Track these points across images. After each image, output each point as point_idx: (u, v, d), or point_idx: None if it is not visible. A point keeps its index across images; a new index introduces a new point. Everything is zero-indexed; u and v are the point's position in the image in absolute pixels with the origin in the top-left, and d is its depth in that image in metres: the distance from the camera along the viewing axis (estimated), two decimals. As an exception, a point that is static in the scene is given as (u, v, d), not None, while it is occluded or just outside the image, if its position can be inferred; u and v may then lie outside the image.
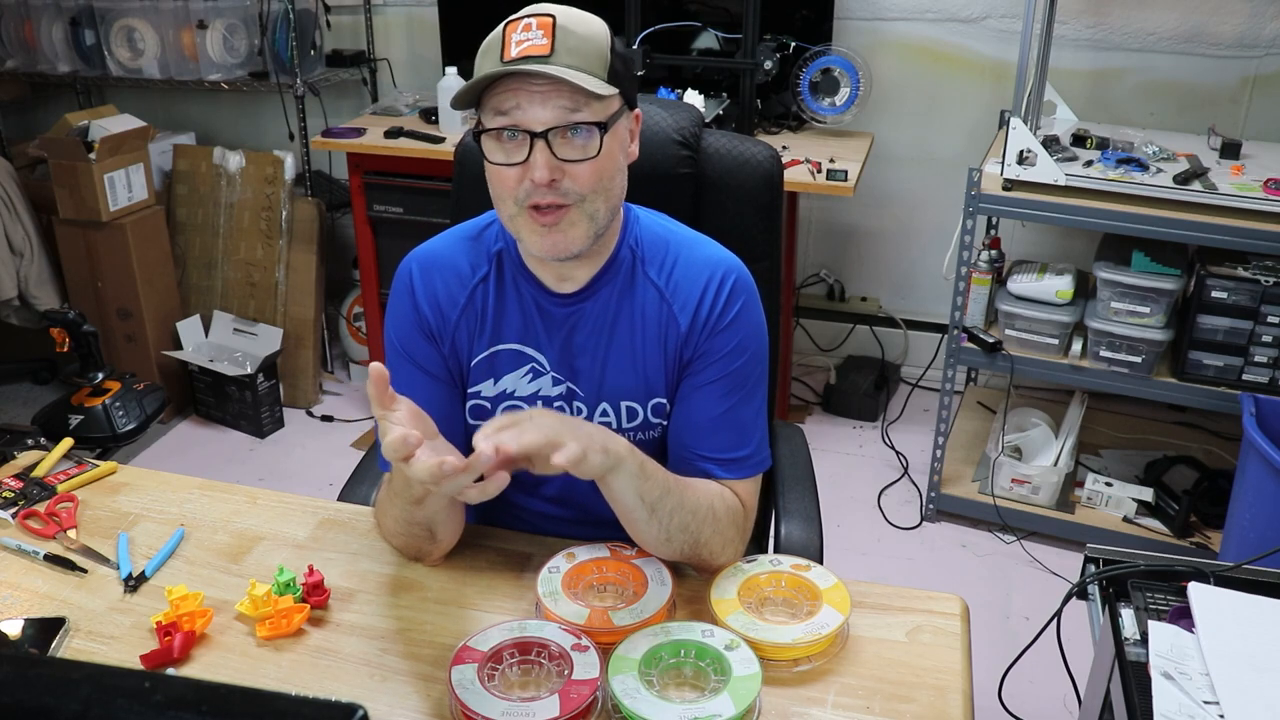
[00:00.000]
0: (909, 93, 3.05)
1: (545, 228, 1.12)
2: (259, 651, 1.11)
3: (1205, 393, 2.38)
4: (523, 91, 1.08)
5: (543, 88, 1.08)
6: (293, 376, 3.28)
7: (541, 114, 1.08)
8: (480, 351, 1.24)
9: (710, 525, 1.17)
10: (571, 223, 1.12)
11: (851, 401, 3.19)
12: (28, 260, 3.11)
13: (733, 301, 1.21)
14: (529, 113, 1.08)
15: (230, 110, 3.64)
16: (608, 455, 1.06)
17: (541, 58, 1.07)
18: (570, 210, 1.12)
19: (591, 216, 1.13)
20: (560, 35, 1.08)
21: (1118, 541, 2.38)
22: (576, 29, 1.09)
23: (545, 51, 1.07)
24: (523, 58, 1.07)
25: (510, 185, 1.11)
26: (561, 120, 1.08)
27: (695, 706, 0.98)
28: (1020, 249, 3.03)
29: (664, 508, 1.12)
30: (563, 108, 1.08)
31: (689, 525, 1.14)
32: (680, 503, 1.14)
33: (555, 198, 1.10)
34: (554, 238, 1.12)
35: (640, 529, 1.15)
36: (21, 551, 1.26)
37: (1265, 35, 2.72)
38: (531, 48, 1.07)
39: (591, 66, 1.09)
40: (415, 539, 1.21)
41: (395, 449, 0.95)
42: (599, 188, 1.12)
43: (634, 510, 1.12)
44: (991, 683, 1.66)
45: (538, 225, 1.12)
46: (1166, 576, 1.19)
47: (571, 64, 1.08)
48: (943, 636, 1.13)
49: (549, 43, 1.07)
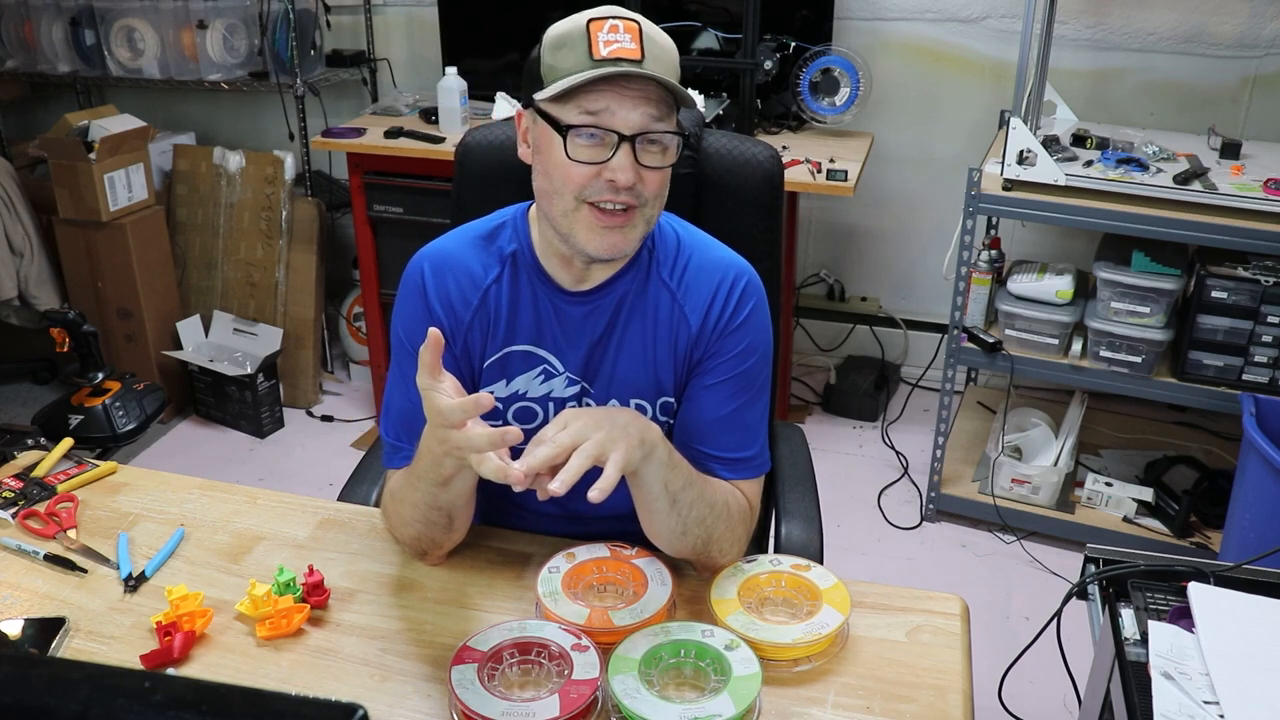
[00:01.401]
0: (909, 93, 3.05)
1: (606, 228, 1.13)
2: (259, 651, 1.11)
3: (1205, 393, 2.38)
4: (613, 94, 1.09)
5: (634, 93, 1.09)
6: (293, 376, 3.28)
7: (632, 117, 1.09)
8: (493, 353, 1.25)
9: (724, 521, 1.17)
10: (633, 225, 1.14)
11: (851, 401, 3.19)
12: (28, 260, 3.11)
13: (744, 303, 1.23)
14: (619, 115, 1.09)
15: (230, 110, 3.64)
16: (643, 446, 1.06)
17: (634, 61, 1.08)
18: (634, 213, 1.13)
19: (648, 221, 1.16)
20: (647, 43, 1.09)
21: (1118, 541, 2.38)
22: (658, 38, 1.11)
23: (637, 56, 1.08)
24: (615, 59, 1.08)
25: (579, 182, 1.12)
26: (648, 126, 1.10)
27: (695, 706, 0.98)
28: (1020, 249, 3.03)
29: (685, 499, 1.13)
30: (650, 115, 1.10)
31: (705, 519, 1.15)
32: (700, 495, 1.14)
33: (630, 199, 1.12)
34: (614, 238, 1.14)
35: (659, 520, 1.15)
36: (21, 551, 1.26)
37: (1265, 35, 2.72)
38: (623, 50, 1.08)
39: (672, 77, 1.11)
40: (433, 526, 1.19)
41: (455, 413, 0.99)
42: (660, 194, 1.16)
43: (657, 499, 1.12)
44: (991, 683, 1.66)
45: (598, 224, 1.13)
46: (1166, 576, 1.19)
47: (659, 71, 1.09)
48: (943, 636, 1.13)
49: (638, 48, 1.09)
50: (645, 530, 1.19)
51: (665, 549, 1.19)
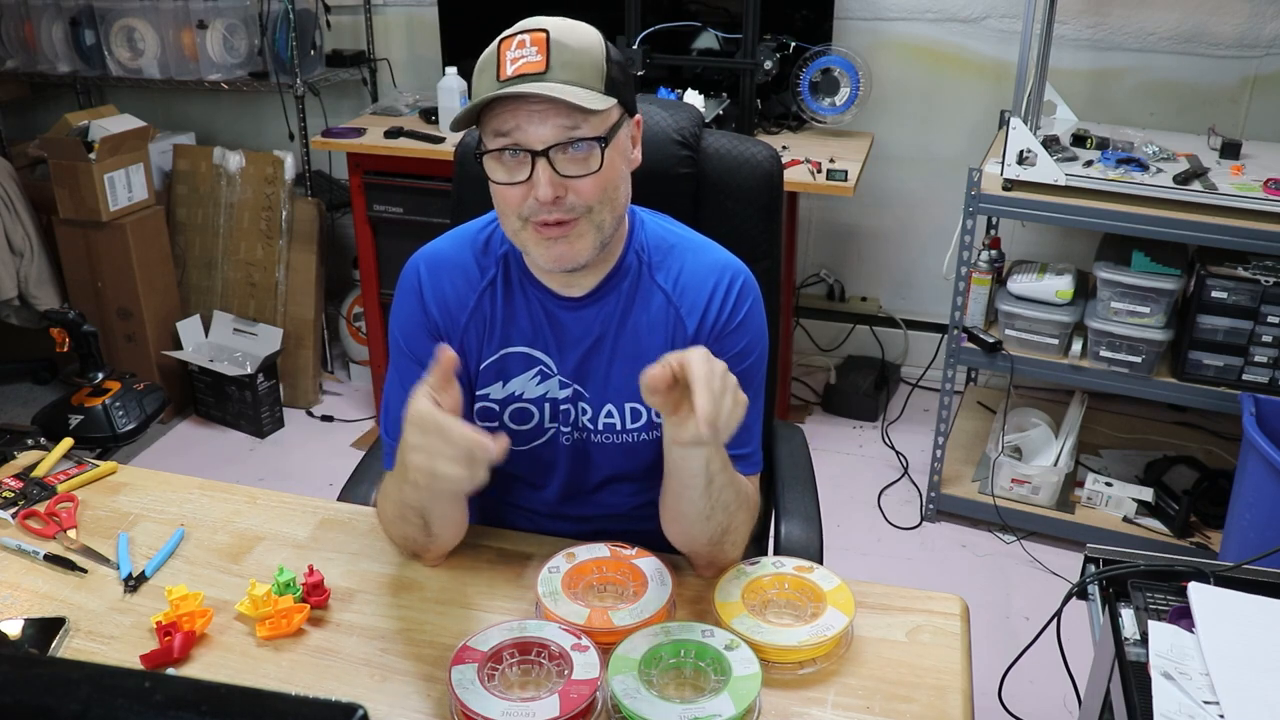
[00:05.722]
0: (909, 93, 3.05)
1: (552, 240, 1.12)
2: (259, 651, 1.11)
3: (1205, 393, 2.38)
4: (521, 111, 1.08)
5: (540, 107, 1.07)
6: (293, 376, 3.28)
7: (541, 132, 1.08)
8: (489, 355, 1.25)
9: (744, 510, 1.17)
10: (579, 234, 1.13)
11: (851, 401, 3.19)
12: (28, 260, 3.11)
13: (741, 304, 1.23)
14: (528, 132, 1.08)
15: (230, 110, 3.64)
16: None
17: (536, 75, 1.07)
18: (578, 222, 1.12)
19: (598, 227, 1.14)
20: (555, 50, 1.08)
21: (1118, 541, 2.38)
22: (570, 42, 1.09)
23: (540, 69, 1.07)
24: (518, 76, 1.07)
25: (514, 203, 1.11)
26: (561, 137, 1.08)
27: (695, 706, 0.98)
28: (1020, 249, 3.03)
29: (719, 482, 1.11)
30: (561, 125, 1.08)
31: (730, 505, 1.14)
32: (731, 479, 1.14)
33: (560, 214, 1.11)
34: (561, 249, 1.13)
35: (688, 500, 1.12)
36: (21, 551, 1.26)
37: (1265, 35, 2.72)
38: (526, 65, 1.07)
39: (587, 80, 1.09)
40: (409, 526, 1.18)
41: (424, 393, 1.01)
42: (604, 199, 1.13)
43: (695, 477, 1.10)
44: (991, 683, 1.66)
45: (544, 238, 1.12)
46: (1166, 576, 1.19)
47: (567, 79, 1.07)
48: (943, 636, 1.13)
49: (544, 59, 1.07)
50: (666, 513, 1.18)
51: (680, 536, 1.18)
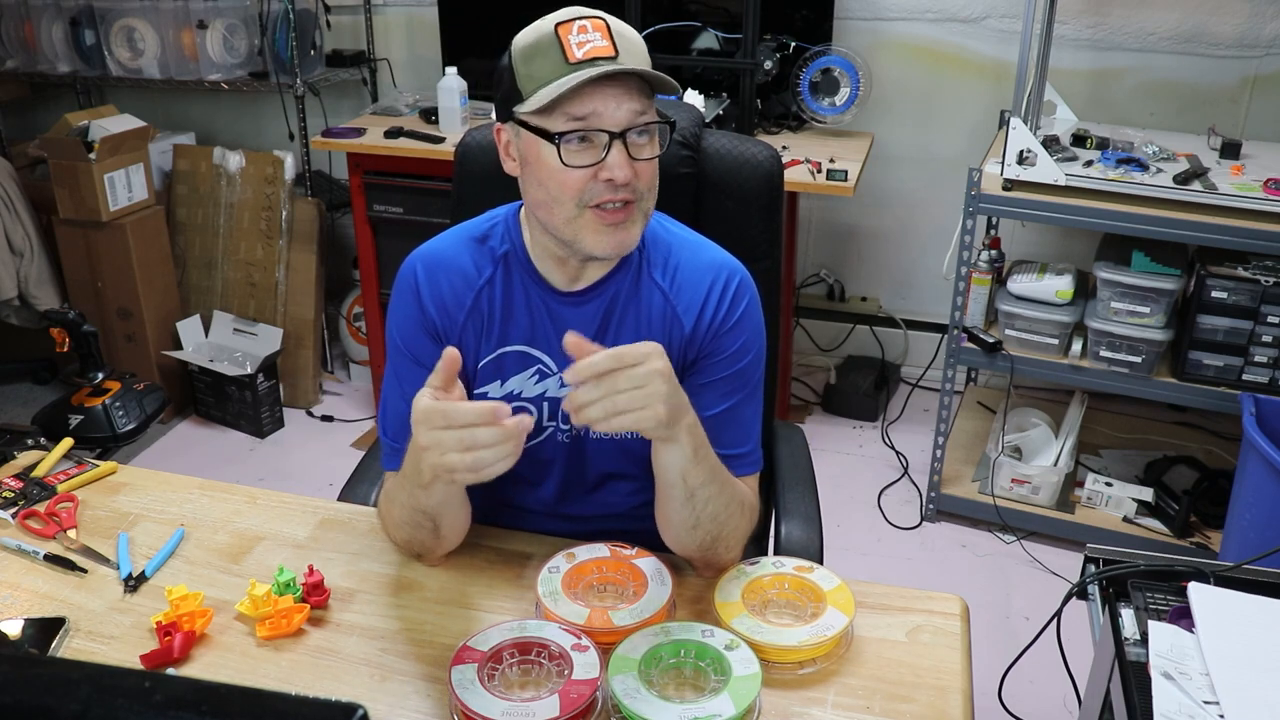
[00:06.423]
0: (909, 93, 3.05)
1: (611, 226, 1.13)
2: (259, 651, 1.11)
3: (1205, 393, 2.38)
4: (597, 95, 1.08)
5: (616, 90, 1.08)
6: (293, 376, 3.28)
7: (618, 115, 1.09)
8: (487, 354, 1.25)
9: (737, 518, 1.17)
10: (633, 220, 1.15)
11: (851, 401, 3.19)
12: (28, 260, 3.11)
13: (737, 303, 1.23)
14: (606, 115, 1.09)
15: (230, 110, 3.64)
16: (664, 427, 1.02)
17: (610, 59, 1.08)
18: (632, 208, 1.14)
19: (646, 214, 1.17)
20: (618, 38, 1.09)
21: (1118, 541, 2.38)
22: (625, 31, 1.11)
23: (611, 53, 1.08)
24: (594, 59, 1.07)
25: (577, 187, 1.11)
26: (634, 121, 1.10)
27: (695, 706, 0.98)
28: (1020, 249, 3.03)
29: (702, 496, 1.12)
30: (634, 109, 1.10)
31: (719, 515, 1.14)
32: (719, 492, 1.14)
33: (627, 194, 1.12)
34: (620, 235, 1.14)
35: (672, 508, 1.14)
36: (21, 551, 1.26)
37: (1265, 35, 2.72)
38: (596, 49, 1.08)
39: (645, 65, 1.11)
40: (420, 530, 1.19)
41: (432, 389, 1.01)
42: (654, 186, 1.16)
43: (673, 488, 1.12)
44: (991, 683, 1.66)
45: (603, 224, 1.13)
46: (1166, 576, 1.19)
47: (633, 63, 1.09)
48: (943, 636, 1.13)
49: (610, 44, 1.08)
50: (658, 518, 1.19)
51: (672, 542, 1.19)
